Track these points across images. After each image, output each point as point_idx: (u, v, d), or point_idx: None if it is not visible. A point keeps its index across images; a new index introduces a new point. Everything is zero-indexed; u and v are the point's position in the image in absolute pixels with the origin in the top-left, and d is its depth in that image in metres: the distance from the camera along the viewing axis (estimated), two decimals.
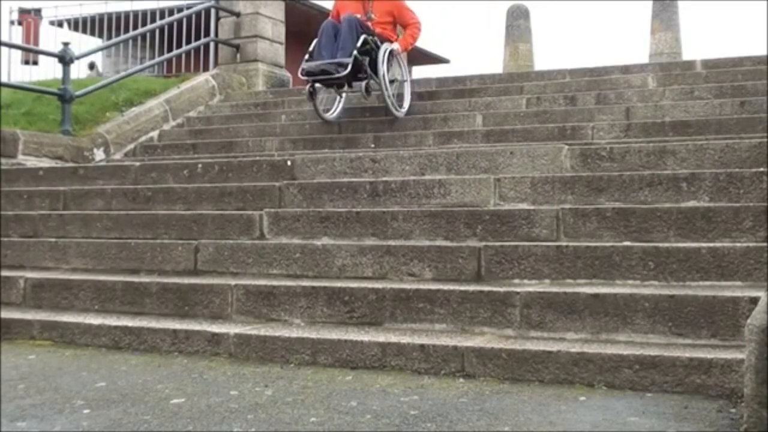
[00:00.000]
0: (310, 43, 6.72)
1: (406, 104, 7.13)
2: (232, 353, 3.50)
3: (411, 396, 2.81)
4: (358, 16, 6.79)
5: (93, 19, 10.72)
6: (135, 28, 9.41)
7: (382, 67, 6.65)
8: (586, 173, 4.32)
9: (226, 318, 3.86)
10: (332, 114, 7.19)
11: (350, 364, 3.27)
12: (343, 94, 7.22)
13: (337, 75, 6.38)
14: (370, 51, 6.63)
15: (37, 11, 11.61)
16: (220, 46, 9.48)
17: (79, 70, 8.85)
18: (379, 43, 6.74)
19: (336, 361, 3.30)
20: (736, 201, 3.79)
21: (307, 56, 6.66)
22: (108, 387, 3.00)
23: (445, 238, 4.02)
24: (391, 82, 6.88)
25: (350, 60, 6.36)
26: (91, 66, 11.49)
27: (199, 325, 3.73)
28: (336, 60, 6.41)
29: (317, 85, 6.74)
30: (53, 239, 4.82)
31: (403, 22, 7.21)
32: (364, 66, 6.55)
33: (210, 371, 3.25)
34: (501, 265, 3.67)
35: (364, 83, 6.61)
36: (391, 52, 6.90)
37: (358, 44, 6.45)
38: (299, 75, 6.58)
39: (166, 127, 8.09)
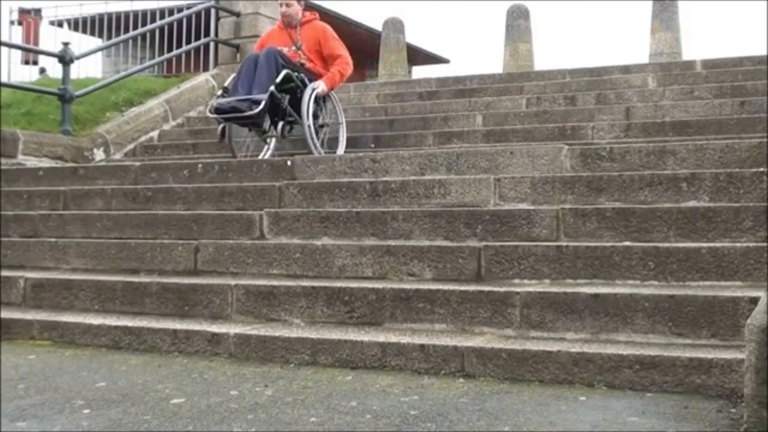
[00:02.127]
0: None
1: (342, 145, 6.25)
2: (232, 353, 3.50)
3: (411, 396, 2.81)
4: (285, 49, 6.05)
5: (93, 19, 10.72)
6: (135, 28, 9.40)
7: (307, 109, 5.81)
8: (586, 173, 4.32)
9: (226, 318, 3.86)
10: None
11: (350, 364, 3.27)
12: (272, 140, 6.29)
13: (248, 113, 5.53)
14: (294, 89, 5.85)
15: (37, 11, 11.61)
16: (220, 46, 9.48)
17: (78, 70, 8.83)
18: (307, 80, 5.96)
19: (336, 361, 3.30)
20: (736, 201, 3.79)
21: (220, 92, 5.94)
22: (108, 387, 3.00)
23: (445, 238, 4.02)
24: (322, 126, 6.13)
25: (265, 97, 5.55)
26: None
27: (199, 325, 3.73)
28: (249, 96, 5.61)
29: (246, 127, 5.93)
30: (53, 239, 4.82)
31: (327, 53, 6.25)
32: (283, 105, 5.74)
33: (210, 371, 3.25)
34: (501, 265, 3.67)
35: (279, 125, 5.69)
36: (317, 94, 6.02)
37: (278, 79, 5.66)
38: (208, 113, 5.85)
39: (166, 127, 8.10)
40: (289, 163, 5.09)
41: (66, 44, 7.43)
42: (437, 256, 3.79)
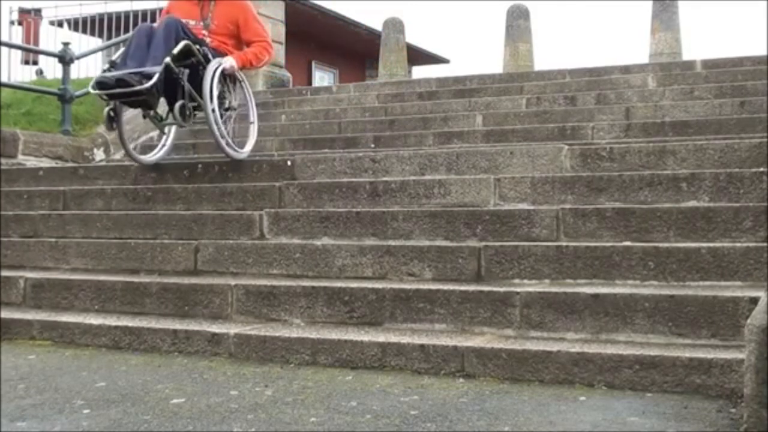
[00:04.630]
0: (310, 43, 6.51)
1: (252, 141, 5.49)
2: (232, 353, 3.50)
3: (411, 396, 2.81)
4: (192, 22, 5.19)
5: (93, 19, 10.72)
6: (135, 27, 9.39)
7: (210, 87, 4.91)
8: (586, 173, 4.32)
9: (226, 318, 3.86)
10: (153, 155, 5.53)
11: (350, 364, 3.27)
12: (171, 128, 5.53)
13: (138, 87, 4.60)
14: (196, 65, 4.95)
15: (37, 11, 11.62)
16: None
17: (78, 70, 8.83)
18: (210, 56, 5.07)
19: (336, 361, 3.30)
20: (736, 201, 3.79)
21: (106, 65, 4.95)
22: (108, 387, 3.00)
23: (445, 238, 4.02)
24: (227, 109, 5.28)
25: (159, 69, 4.64)
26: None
27: (199, 325, 3.73)
28: (139, 69, 4.70)
29: (133, 109, 5.10)
30: (53, 239, 4.82)
31: (247, 38, 5.37)
32: (182, 81, 4.83)
33: (210, 371, 3.25)
34: (501, 265, 3.67)
35: (178, 104, 4.84)
36: (224, 70, 5.13)
37: (175, 50, 4.76)
38: (89, 89, 4.89)
39: None
40: (289, 163, 5.09)
41: (66, 44, 7.43)
42: (437, 256, 3.79)
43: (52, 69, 9.73)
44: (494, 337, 3.28)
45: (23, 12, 11.58)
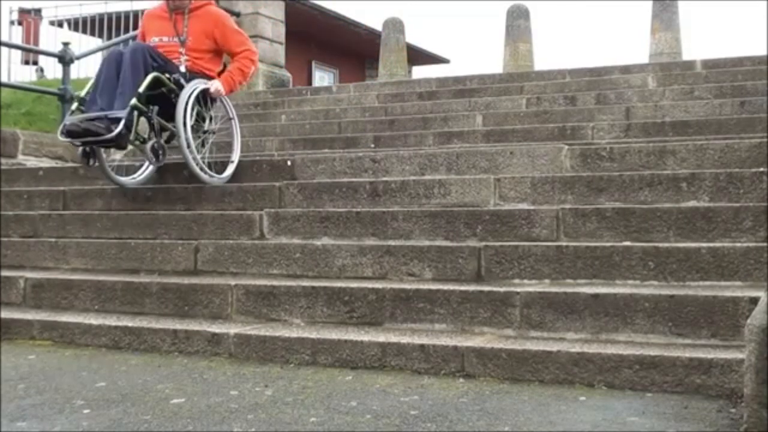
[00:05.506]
0: (310, 43, 6.43)
1: (235, 159, 5.13)
2: (232, 353, 3.50)
3: (411, 396, 2.81)
4: (165, 39, 4.94)
5: (93, 19, 10.73)
6: (135, 28, 9.39)
7: (183, 116, 4.67)
8: (586, 173, 4.32)
9: (226, 318, 3.86)
10: (136, 177, 5.23)
11: (350, 364, 3.27)
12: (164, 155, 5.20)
13: (107, 136, 4.40)
14: (167, 95, 4.72)
15: (37, 11, 11.63)
16: None
17: (78, 70, 8.83)
18: (183, 81, 4.80)
19: (336, 361, 3.30)
20: (736, 201, 3.79)
21: (75, 105, 4.73)
22: (108, 387, 3.00)
23: (445, 238, 4.02)
24: (205, 132, 5.05)
25: (124, 114, 4.42)
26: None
27: (199, 325, 3.73)
28: (105, 113, 4.46)
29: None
30: (53, 239, 4.82)
31: (228, 50, 5.11)
32: (152, 119, 4.66)
33: (210, 371, 3.25)
34: (501, 265, 3.67)
35: (149, 144, 4.68)
36: (204, 93, 4.91)
37: (141, 87, 4.53)
38: (59, 136, 4.63)
39: None
40: (289, 163, 5.09)
41: (66, 44, 7.43)
42: (437, 256, 3.79)
43: (52, 69, 9.74)
44: (494, 337, 3.28)
45: (23, 12, 11.59)
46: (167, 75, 4.72)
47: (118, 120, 4.40)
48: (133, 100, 4.47)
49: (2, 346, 3.78)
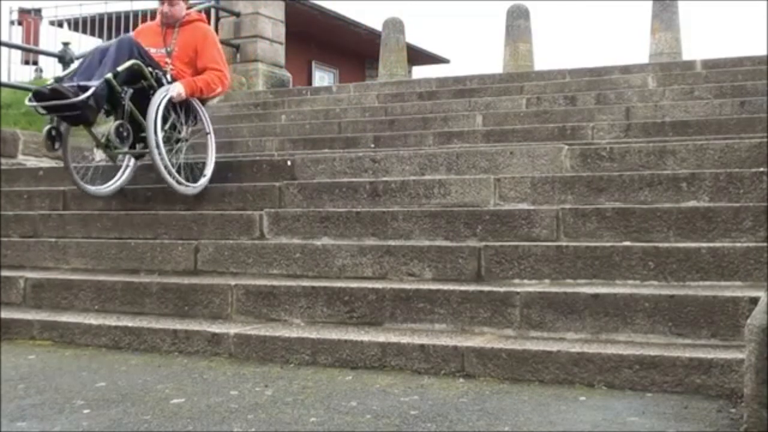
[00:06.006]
0: (310, 43, 6.37)
1: (208, 173, 4.97)
2: (232, 353, 3.50)
3: (411, 396, 2.81)
4: (153, 50, 4.93)
5: (93, 19, 10.72)
6: (135, 27, 9.40)
7: (154, 114, 4.55)
8: (586, 173, 4.32)
9: (226, 318, 3.86)
10: (107, 185, 5.05)
11: (350, 364, 3.27)
12: (132, 160, 5.10)
13: (73, 99, 4.22)
14: (147, 89, 4.64)
15: (37, 11, 11.62)
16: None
17: None
18: (165, 81, 4.79)
19: (336, 361, 3.30)
20: (736, 201, 3.79)
21: (51, 79, 4.68)
22: (108, 387, 3.00)
23: (445, 238, 4.02)
24: (178, 141, 4.87)
25: (96, 84, 4.30)
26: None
27: (199, 325, 3.73)
28: (78, 83, 4.35)
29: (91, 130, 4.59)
30: (53, 239, 4.82)
31: (201, 64, 5.04)
32: (123, 100, 4.47)
33: (210, 371, 3.25)
34: (501, 265, 3.67)
35: (114, 124, 4.46)
36: (171, 98, 4.75)
37: (120, 66, 4.44)
38: (26, 101, 4.50)
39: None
40: (289, 163, 5.09)
41: (66, 44, 7.43)
42: (437, 256, 3.79)
43: (52, 69, 9.73)
44: (494, 337, 3.28)
45: (23, 12, 11.58)
46: (150, 69, 4.67)
47: (87, 88, 4.28)
48: (108, 74, 4.36)
49: (2, 346, 3.79)
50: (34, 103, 4.38)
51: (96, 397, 2.84)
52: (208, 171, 5.00)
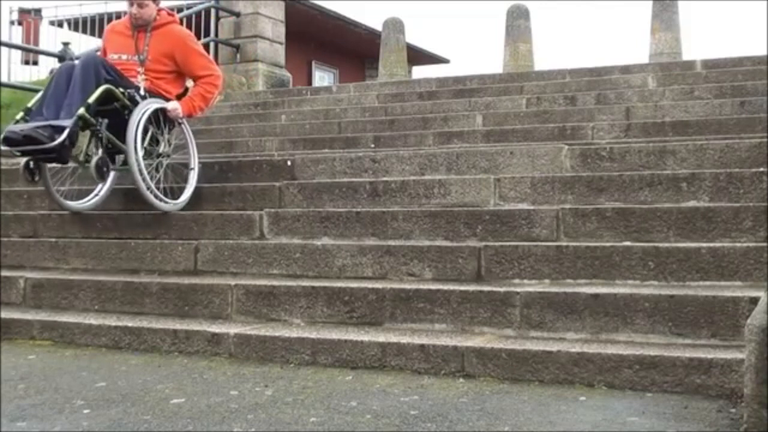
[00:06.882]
0: (310, 43, 6.36)
1: (190, 189, 4.85)
2: (232, 353, 3.50)
3: (411, 396, 2.81)
4: (125, 57, 4.74)
5: (93, 19, 10.72)
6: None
7: (134, 135, 4.41)
8: (586, 173, 4.32)
9: (226, 318, 3.86)
10: (86, 201, 4.97)
11: (350, 364, 3.27)
12: (111, 173, 4.83)
13: (47, 145, 4.07)
14: (120, 111, 4.48)
15: (37, 11, 11.63)
16: (220, 46, 9.48)
17: None
18: (139, 98, 4.58)
19: (336, 361, 3.30)
20: (736, 201, 3.79)
21: (20, 114, 4.42)
22: (108, 387, 3.00)
23: (445, 238, 4.02)
24: (159, 156, 4.77)
25: (69, 123, 4.12)
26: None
27: (199, 325, 3.73)
28: (50, 122, 4.16)
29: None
30: (53, 239, 4.82)
31: (190, 73, 4.91)
32: (100, 133, 4.37)
33: (210, 371, 3.25)
34: (501, 265, 3.67)
35: (93, 160, 4.32)
36: (159, 113, 4.66)
37: (91, 98, 4.26)
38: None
39: None
40: (289, 163, 5.09)
41: (66, 44, 7.43)
42: (437, 256, 3.79)
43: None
44: (494, 337, 3.28)
45: (23, 12, 11.59)
46: (121, 90, 4.49)
47: (62, 129, 4.10)
48: (81, 110, 4.19)
49: (2, 346, 3.79)
50: (6, 148, 4.26)
51: (96, 397, 2.84)
52: (192, 183, 4.90)
